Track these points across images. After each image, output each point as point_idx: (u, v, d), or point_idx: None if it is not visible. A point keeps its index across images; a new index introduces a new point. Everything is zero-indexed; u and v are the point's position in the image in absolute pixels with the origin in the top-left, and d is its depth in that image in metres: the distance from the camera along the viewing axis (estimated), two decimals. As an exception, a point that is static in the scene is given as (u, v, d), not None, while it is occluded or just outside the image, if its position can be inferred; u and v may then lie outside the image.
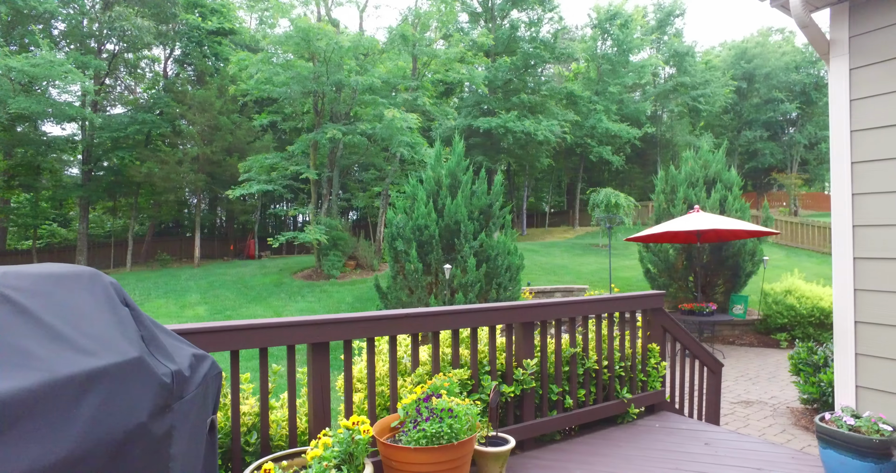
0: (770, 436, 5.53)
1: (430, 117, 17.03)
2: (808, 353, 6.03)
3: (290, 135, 20.03)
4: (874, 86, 3.08)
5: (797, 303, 9.75)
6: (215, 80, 18.00)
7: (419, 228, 8.64)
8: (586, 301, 3.68)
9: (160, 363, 1.35)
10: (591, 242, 21.99)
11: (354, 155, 15.89)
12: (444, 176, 9.17)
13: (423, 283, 8.60)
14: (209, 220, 25.84)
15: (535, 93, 23.41)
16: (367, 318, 2.69)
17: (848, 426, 2.80)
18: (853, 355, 3.11)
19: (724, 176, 11.29)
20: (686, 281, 11.36)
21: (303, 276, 14.87)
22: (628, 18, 24.23)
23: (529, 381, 3.27)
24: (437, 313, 2.93)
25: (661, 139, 29.66)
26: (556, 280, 14.73)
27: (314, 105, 13.80)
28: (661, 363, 4.14)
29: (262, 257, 21.53)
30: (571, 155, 28.04)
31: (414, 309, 2.89)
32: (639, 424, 3.85)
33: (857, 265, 3.11)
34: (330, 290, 12.91)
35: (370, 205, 18.18)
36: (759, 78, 29.64)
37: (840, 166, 3.22)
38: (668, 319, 4.28)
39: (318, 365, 2.56)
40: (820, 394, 5.67)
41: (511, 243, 9.20)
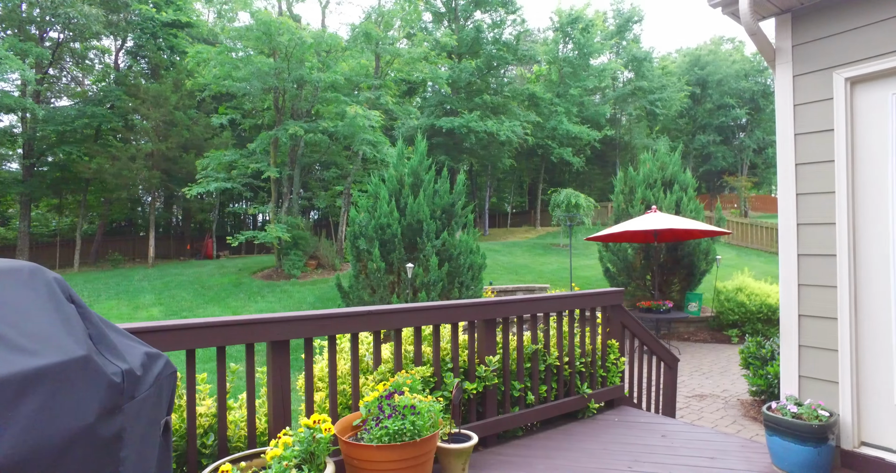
0: (722, 427, 5.75)
1: (393, 116, 16.95)
2: (757, 347, 6.31)
3: (250, 132, 19.54)
4: (814, 92, 3.24)
5: (747, 300, 10.18)
6: (171, 73, 17.33)
7: (381, 227, 8.59)
8: (548, 298, 3.74)
9: (109, 362, 1.29)
10: (552, 242, 22.36)
11: (316, 153, 15.65)
12: (407, 175, 9.14)
13: (385, 282, 8.55)
14: (164, 219, 24.96)
15: (497, 94, 23.64)
16: (328, 315, 2.65)
17: (791, 413, 2.94)
18: (797, 346, 3.26)
19: (680, 178, 11.68)
20: (644, 280, 11.70)
21: (263, 276, 14.55)
22: (589, 23, 24.75)
23: (492, 378, 3.30)
24: (399, 310, 2.92)
25: (620, 142, 30.44)
26: (518, 280, 14.91)
27: (275, 102, 13.51)
28: (620, 359, 4.24)
29: (221, 257, 20.95)
30: (533, 156, 28.43)
31: (376, 306, 2.87)
32: (598, 418, 3.94)
33: (801, 262, 3.27)
34: (291, 290, 12.68)
35: (332, 204, 17.94)
36: (712, 84, 30.82)
37: (785, 168, 3.38)
38: (626, 315, 4.39)
39: (278, 364, 2.51)
40: (767, 386, 5.94)
41: (473, 242, 9.26)
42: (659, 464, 3.04)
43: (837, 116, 3.08)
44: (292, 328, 2.53)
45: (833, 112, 3.11)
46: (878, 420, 2.93)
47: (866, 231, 3.01)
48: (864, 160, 3.03)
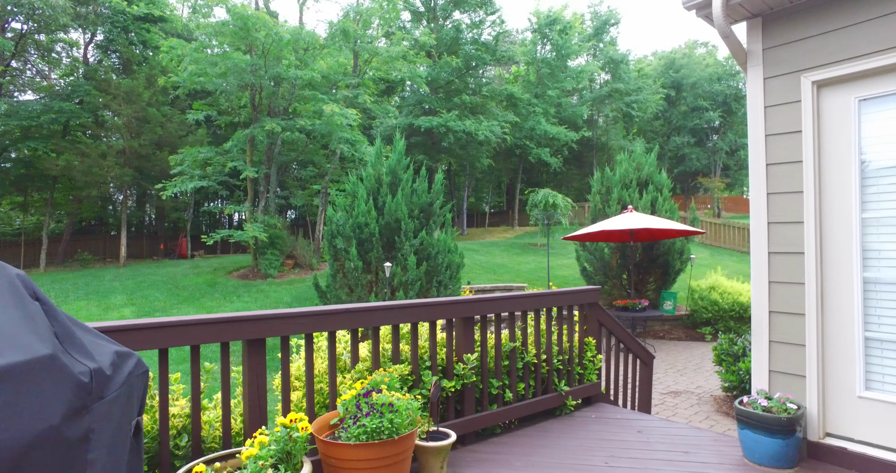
0: (696, 422, 5.87)
1: (371, 115, 16.86)
2: (730, 344, 6.45)
3: (226, 130, 19.21)
4: (783, 95, 3.33)
5: (720, 298, 10.41)
6: (143, 69, 16.89)
7: (359, 226, 8.54)
8: (525, 296, 3.76)
9: (77, 361, 1.26)
10: (530, 241, 22.52)
11: (293, 152, 15.46)
12: (385, 174, 9.10)
13: (363, 281, 8.50)
14: (137, 217, 24.39)
15: (476, 94, 23.71)
16: (305, 313, 2.62)
17: (761, 407, 3.01)
18: (767, 342, 3.35)
19: (656, 178, 11.88)
20: (620, 279, 11.86)
21: (239, 275, 14.32)
22: (567, 25, 25.00)
23: (470, 375, 3.31)
24: (376, 308, 2.90)
25: (597, 143, 30.83)
26: (496, 279, 14.98)
27: (251, 99, 13.30)
28: (597, 357, 4.29)
29: (196, 257, 20.56)
30: (511, 156, 28.60)
31: (353, 305, 2.85)
32: (576, 415, 3.98)
33: (772, 259, 3.35)
34: (267, 289, 12.51)
35: (309, 203, 17.75)
36: (686, 87, 31.42)
37: (757, 168, 3.46)
38: (603, 313, 4.45)
39: (253, 363, 2.48)
40: (739, 381, 6.08)
41: (451, 241, 9.26)
42: (635, 459, 3.08)
43: (805, 119, 3.17)
44: (268, 326, 2.50)
45: (801, 114, 3.20)
46: (842, 411, 3.03)
47: (832, 230, 3.10)
48: (830, 161, 3.12)
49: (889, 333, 2.89)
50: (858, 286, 2.99)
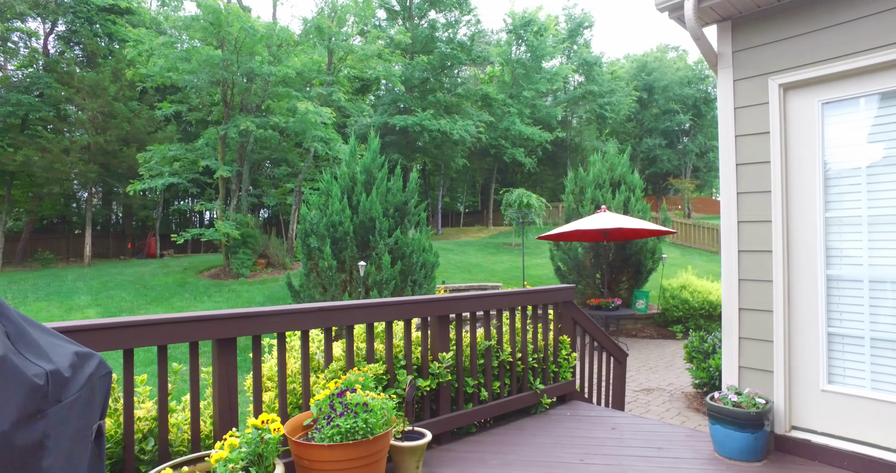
0: (668, 419, 5.97)
1: (346, 114, 16.70)
2: (700, 342, 6.59)
3: (197, 127, 18.77)
4: (752, 96, 3.40)
5: (690, 297, 10.63)
6: (109, 62, 16.31)
7: (333, 224, 8.44)
8: (500, 295, 3.76)
9: (31, 362, 1.19)
10: (505, 241, 22.64)
11: (266, 150, 15.19)
12: (359, 172, 9.02)
13: (336, 281, 8.41)
14: (103, 216, 23.65)
15: (451, 93, 23.72)
16: (278, 312, 2.57)
17: (732, 402, 3.07)
18: (737, 338, 3.42)
19: (629, 179, 12.06)
20: (594, 278, 12.01)
21: (210, 275, 14.01)
22: (542, 26, 25.21)
23: (445, 374, 3.29)
24: (351, 306, 2.86)
25: (571, 144, 31.19)
26: (471, 278, 15.01)
27: (223, 96, 13.00)
28: (571, 355, 4.32)
29: (165, 256, 20.04)
30: (486, 156, 28.72)
31: (327, 303, 2.80)
32: (551, 414, 4.00)
33: (741, 258, 3.42)
34: (239, 289, 12.27)
35: (282, 202, 17.48)
36: (658, 90, 32.04)
37: (727, 168, 3.53)
38: (578, 312, 4.48)
39: (224, 363, 2.41)
40: (709, 378, 6.22)
41: (426, 240, 9.24)
42: (609, 456, 3.11)
43: (773, 120, 3.25)
44: (239, 325, 2.43)
45: (769, 116, 3.27)
46: (806, 405, 3.11)
47: (798, 229, 3.19)
48: (796, 162, 3.20)
49: (850, 328, 2.98)
50: (822, 284, 3.07)
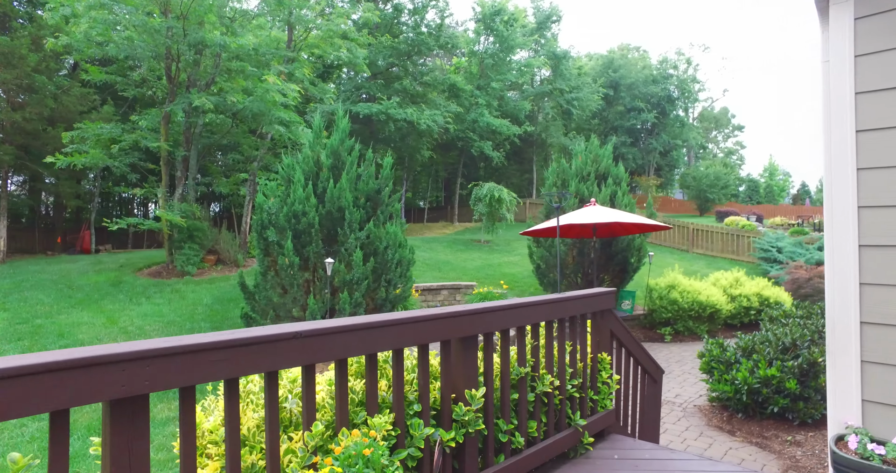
0: (690, 440, 5.17)
1: (308, 96, 15.32)
2: (720, 350, 5.84)
3: (139, 108, 16.93)
4: (883, 39, 2.54)
5: (680, 298, 10.00)
6: (28, 29, 14.27)
7: (296, 214, 7.26)
8: (538, 303, 2.78)
9: None
10: (472, 237, 21.75)
11: (216, 134, 13.66)
12: (326, 156, 7.86)
13: (298, 280, 7.23)
14: (27, 206, 21.25)
15: (417, 81, 22.62)
16: (223, 344, 1.49)
17: (878, 457, 2.20)
18: (857, 361, 2.56)
19: (613, 171, 11.36)
20: (576, 277, 11.25)
21: (150, 273, 12.44)
22: (511, 16, 24.45)
23: (475, 421, 2.28)
24: (341, 329, 1.80)
25: (537, 140, 30.65)
26: (442, 277, 14.01)
27: (167, 70, 11.42)
28: (613, 377, 3.40)
29: (101, 252, 18.07)
30: (450, 149, 27.78)
31: (306, 325, 1.74)
32: (593, 456, 3.06)
33: (864, 255, 2.56)
34: (184, 289, 10.83)
35: (234, 193, 15.94)
36: (624, 88, 31.93)
37: (839, 135, 2.66)
38: (616, 321, 3.57)
39: (123, 431, 1.32)
40: (734, 392, 5.46)
41: (402, 234, 8.18)
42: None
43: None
44: (153, 372, 1.34)
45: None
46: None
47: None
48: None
49: None
50: None
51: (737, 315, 10.69)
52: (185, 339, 1.45)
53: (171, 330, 8.59)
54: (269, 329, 1.63)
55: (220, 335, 1.51)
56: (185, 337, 1.48)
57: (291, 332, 1.64)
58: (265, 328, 1.68)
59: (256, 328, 1.65)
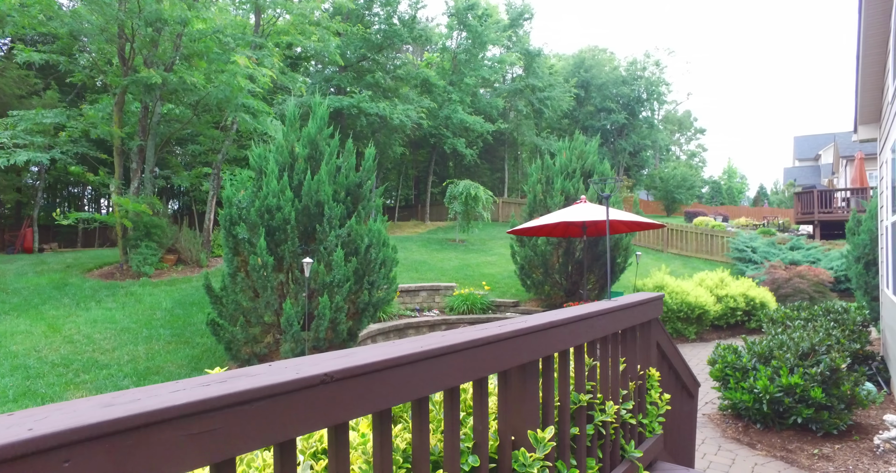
0: (711, 456, 4.75)
1: (277, 86, 14.42)
2: (734, 355, 5.46)
3: (89, 96, 15.65)
4: None
5: (669, 299, 9.71)
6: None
7: (269, 209, 6.53)
8: (599, 314, 2.24)
9: None
10: (446, 236, 21.22)
11: (177, 123, 12.62)
12: (302, 146, 7.16)
13: (273, 283, 6.51)
14: (-41, 202, 19.50)
15: (389, 75, 21.93)
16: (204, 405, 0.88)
17: None
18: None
19: (599, 168, 11.02)
20: (561, 277, 10.85)
21: (101, 274, 11.37)
22: (486, 11, 24.04)
23: (541, 471, 1.72)
24: (385, 365, 1.19)
25: (509, 138, 30.36)
26: (420, 278, 13.41)
27: (120, 52, 10.39)
28: (663, 396, 2.89)
29: (45, 251, 16.67)
30: (423, 146, 27.17)
31: (330, 362, 1.14)
32: (651, 496, 2.54)
33: None
34: (140, 292, 9.88)
35: (196, 188, 14.89)
36: (594, 88, 31.99)
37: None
38: (663, 331, 3.07)
39: None
40: (753, 401, 5.07)
41: (385, 232, 7.55)
42: None
43: None
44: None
45: None
46: None
47: None
48: None
49: None
50: None
51: (723, 316, 10.49)
52: (108, 402, 0.83)
53: (125, 338, 7.70)
54: (281, 374, 1.02)
55: (195, 392, 0.89)
56: (107, 397, 0.86)
57: (317, 375, 1.03)
58: (270, 369, 1.07)
59: (256, 371, 1.04)
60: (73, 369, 6.62)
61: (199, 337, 7.84)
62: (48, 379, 6.27)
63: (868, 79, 7.03)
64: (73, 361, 6.86)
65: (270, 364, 1.10)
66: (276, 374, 1.01)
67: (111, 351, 7.28)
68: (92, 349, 7.30)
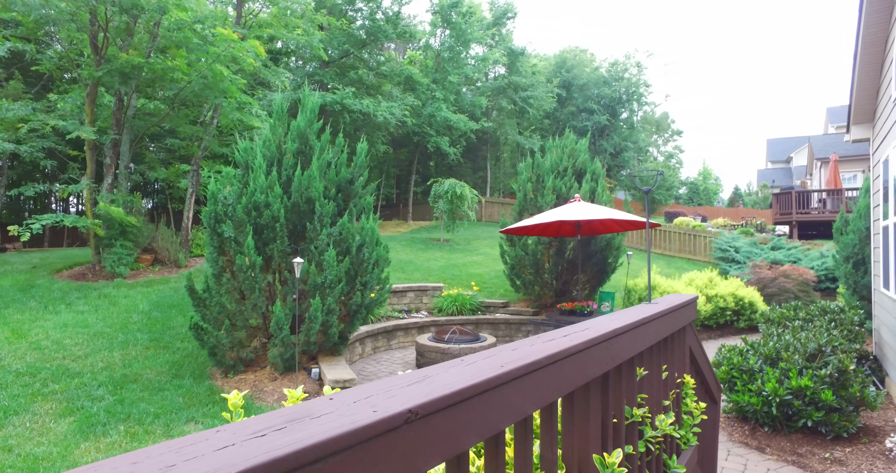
0: (721, 461, 4.60)
1: (258, 81, 13.95)
2: (740, 357, 5.34)
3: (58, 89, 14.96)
4: None
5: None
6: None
7: (257, 206, 6.20)
8: (652, 319, 2.03)
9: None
10: (430, 236, 20.95)
11: (153, 117, 12.07)
12: (291, 139, 6.83)
13: (261, 284, 6.18)
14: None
15: (373, 71, 21.57)
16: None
17: None
18: None
19: (590, 167, 10.90)
20: (551, 278, 10.69)
21: (72, 275, 10.80)
22: (470, 8, 23.87)
23: (609, 506, 1.49)
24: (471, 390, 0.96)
25: (491, 137, 30.22)
26: (407, 278, 13.13)
27: (92, 40, 9.85)
28: (699, 405, 2.70)
29: (8, 250, 15.87)
30: (406, 144, 26.85)
31: (411, 396, 0.90)
32: (696, 517, 2.34)
33: None
34: (114, 294, 9.38)
35: (174, 185, 14.34)
36: (576, 88, 32.08)
37: None
38: (695, 336, 2.88)
39: None
40: (762, 404, 4.95)
41: (377, 230, 7.27)
42: None
43: None
44: None
45: None
46: None
47: None
48: None
49: None
50: None
51: (713, 316, 10.47)
52: None
53: (99, 344, 7.25)
54: (353, 413, 0.76)
55: (250, 451, 0.63)
56: (131, 456, 0.60)
57: (400, 413, 0.77)
58: (335, 405, 0.81)
59: (318, 409, 0.78)
60: (41, 378, 6.17)
61: (180, 341, 7.43)
62: (12, 390, 5.82)
63: (864, 79, 7.03)
64: (41, 369, 6.41)
65: (332, 398, 0.84)
66: (348, 413, 0.75)
67: (84, 358, 6.83)
68: (62, 356, 6.84)
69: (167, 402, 5.62)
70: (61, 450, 4.64)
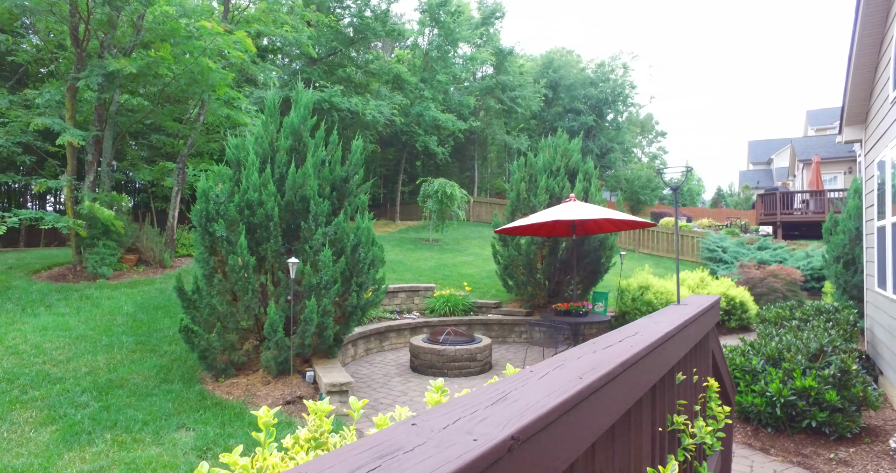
0: (733, 464, 4.55)
1: (245, 77, 13.67)
2: (742, 358, 5.30)
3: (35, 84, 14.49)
4: None
5: (654, 299, 9.62)
6: None
7: (250, 204, 6.01)
8: (691, 321, 1.93)
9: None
10: (418, 236, 20.81)
11: (137, 113, 11.73)
12: (284, 136, 6.65)
13: (254, 285, 5.99)
14: None
15: (361, 70, 21.35)
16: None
17: None
18: None
19: (583, 167, 10.85)
20: (544, 278, 10.62)
21: (51, 276, 10.45)
22: (458, 8, 23.77)
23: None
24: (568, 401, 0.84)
25: (479, 137, 30.15)
26: (398, 279, 12.98)
27: (72, 32, 9.53)
28: (724, 408, 2.62)
29: (-17, 251, 15.34)
30: (391, 144, 26.65)
31: (515, 422, 0.78)
32: (728, 527, 2.25)
33: None
34: (97, 296, 9.08)
35: (158, 184, 13.98)
36: (563, 89, 32.17)
37: None
38: (716, 337, 2.80)
39: None
40: (766, 405, 4.91)
41: (373, 229, 7.12)
42: None
43: None
44: None
45: None
46: None
47: None
48: None
49: None
50: None
51: (705, 315, 10.48)
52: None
53: (82, 347, 6.98)
54: (448, 444, 0.64)
55: None
56: None
57: (504, 441, 0.65)
58: (421, 431, 0.69)
59: (404, 441, 0.66)
60: (20, 384, 5.90)
61: (167, 344, 7.19)
62: None
63: (858, 81, 7.07)
64: (20, 375, 6.13)
65: (414, 423, 0.71)
66: (445, 444, 0.63)
67: (65, 363, 6.56)
68: (42, 361, 6.57)
69: (156, 408, 5.40)
70: (43, 462, 4.41)
